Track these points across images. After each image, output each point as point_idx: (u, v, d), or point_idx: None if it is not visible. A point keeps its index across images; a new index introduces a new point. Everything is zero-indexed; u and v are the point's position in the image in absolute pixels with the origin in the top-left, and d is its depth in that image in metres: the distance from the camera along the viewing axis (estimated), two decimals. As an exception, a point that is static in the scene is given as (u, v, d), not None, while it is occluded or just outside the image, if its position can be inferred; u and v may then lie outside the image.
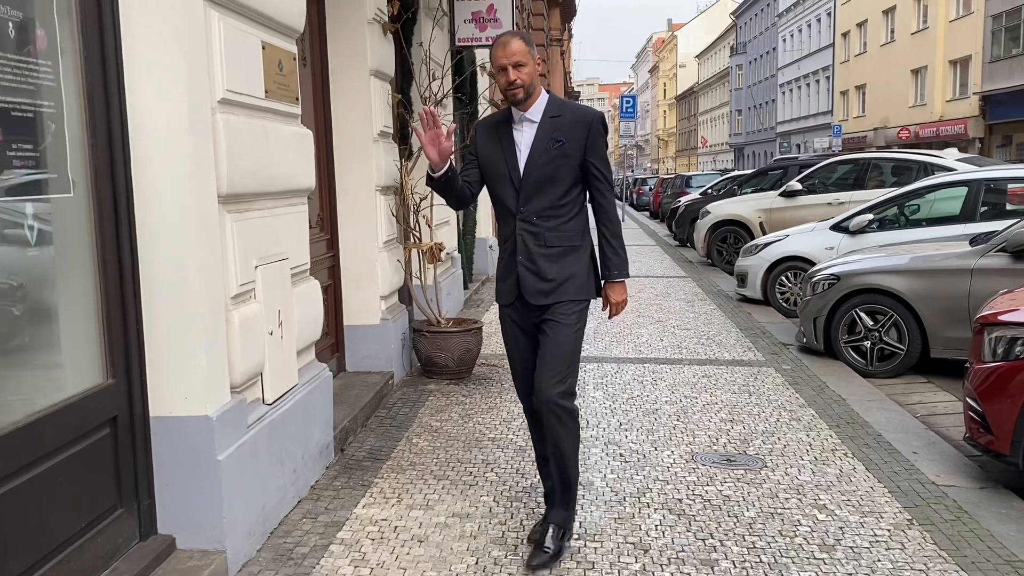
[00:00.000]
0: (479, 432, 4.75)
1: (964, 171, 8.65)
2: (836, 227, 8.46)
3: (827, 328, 6.59)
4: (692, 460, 4.29)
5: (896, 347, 6.33)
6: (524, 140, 3.21)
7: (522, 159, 3.20)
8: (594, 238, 3.30)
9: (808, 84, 47.73)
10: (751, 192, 14.10)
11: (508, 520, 3.56)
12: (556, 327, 3.18)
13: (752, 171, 19.13)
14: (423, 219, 6.11)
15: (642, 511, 3.66)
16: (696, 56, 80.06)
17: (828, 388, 5.71)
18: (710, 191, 17.51)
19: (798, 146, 46.47)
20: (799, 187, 11.60)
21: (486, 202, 8.51)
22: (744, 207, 12.75)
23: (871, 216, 8.16)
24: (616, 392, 5.62)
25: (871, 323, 6.40)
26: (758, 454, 4.39)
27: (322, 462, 4.09)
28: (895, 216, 8.28)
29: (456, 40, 7.84)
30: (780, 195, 11.96)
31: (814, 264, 7.87)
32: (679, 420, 4.97)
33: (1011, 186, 7.74)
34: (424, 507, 3.70)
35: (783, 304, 8.91)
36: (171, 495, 2.98)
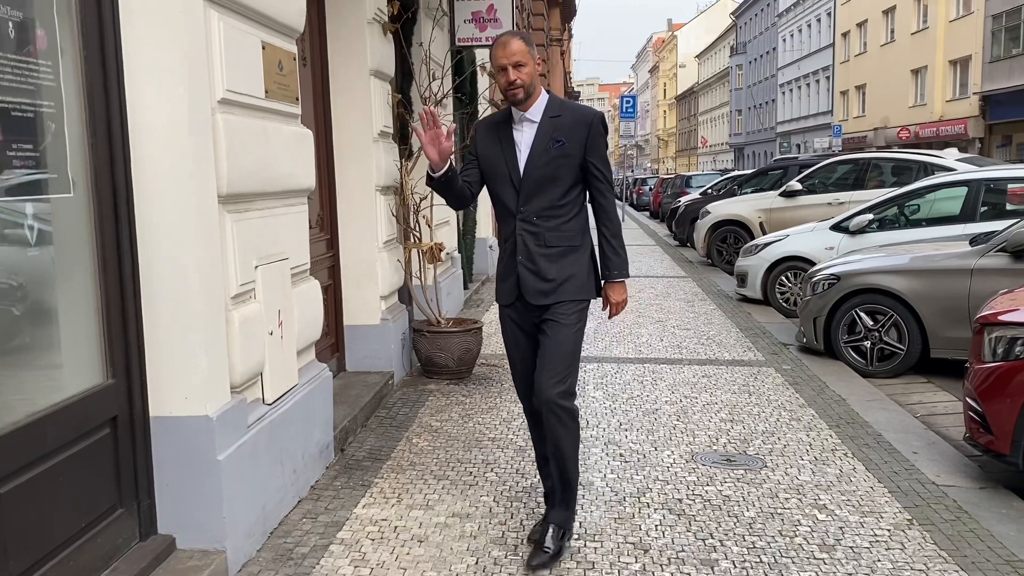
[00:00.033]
0: (479, 432, 4.75)
1: (964, 171, 8.65)
2: (836, 227, 8.47)
3: (827, 328, 6.59)
4: (692, 460, 4.29)
5: (896, 347, 6.34)
6: (524, 140, 3.21)
7: (522, 159, 3.20)
8: (594, 238, 3.30)
9: (808, 84, 47.74)
10: (751, 192, 14.10)
11: (508, 520, 3.56)
12: (556, 327, 3.18)
13: (752, 171, 19.14)
14: (423, 219, 6.11)
15: (642, 511, 3.66)
16: (696, 56, 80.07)
17: (828, 388, 5.72)
18: (710, 191, 17.52)
19: (798, 146, 46.48)
20: (799, 187, 11.60)
21: (486, 202, 8.50)
22: (744, 207, 12.76)
23: (871, 216, 8.17)
24: (616, 392, 5.62)
25: (871, 323, 6.41)
26: (758, 454, 4.39)
27: (322, 462, 4.09)
28: (895, 216, 8.28)
29: (456, 40, 7.85)
30: (780, 195, 11.96)
31: (814, 264, 7.87)
32: (679, 420, 4.97)
33: (1011, 186, 7.74)
34: (424, 507, 3.70)
35: (783, 304, 8.91)
36: (171, 495, 2.98)
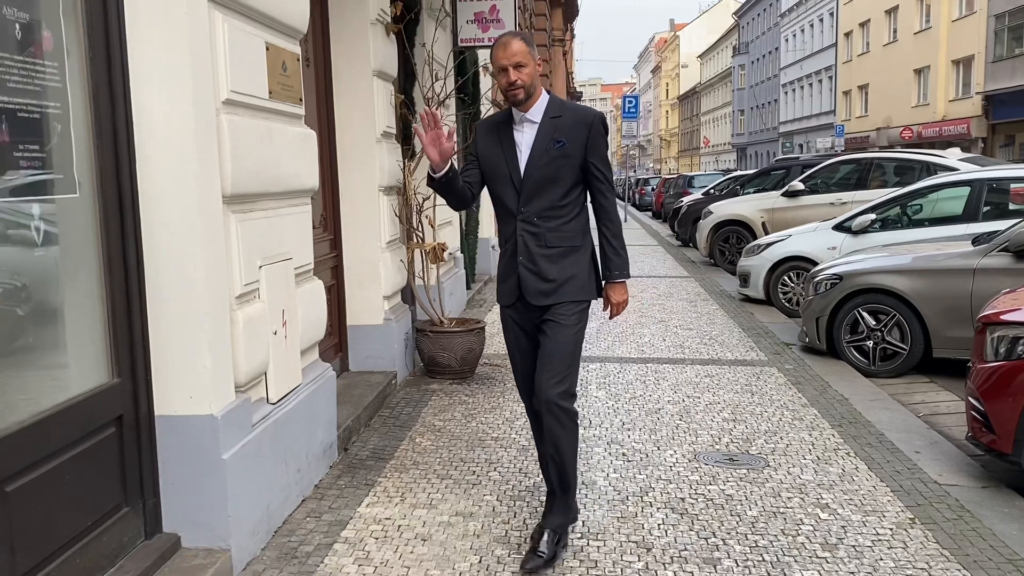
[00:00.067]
0: (482, 431, 4.76)
1: (967, 171, 8.65)
2: (838, 227, 8.47)
3: (829, 328, 6.59)
4: (695, 459, 4.30)
5: (898, 347, 6.34)
6: (525, 141, 3.21)
7: (523, 160, 3.20)
8: (595, 238, 3.31)
9: (811, 84, 47.69)
10: (753, 192, 14.10)
11: (511, 519, 3.57)
12: (556, 328, 3.18)
13: (754, 171, 19.13)
14: (426, 219, 6.12)
15: (645, 510, 3.67)
16: (698, 56, 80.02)
17: (830, 388, 5.72)
18: (712, 191, 17.52)
19: (801, 146, 46.45)
20: (801, 187, 11.60)
21: (489, 202, 8.51)
22: (746, 207, 12.76)
23: (873, 216, 8.17)
24: (619, 392, 5.63)
25: (873, 323, 6.41)
26: (760, 453, 4.39)
27: (326, 461, 4.10)
28: (897, 216, 8.29)
29: (459, 40, 7.87)
30: (782, 195, 11.96)
31: (816, 264, 7.87)
32: (682, 419, 4.98)
33: (1014, 186, 7.73)
34: (427, 506, 3.72)
35: (785, 304, 8.91)
36: (176, 494, 2.99)
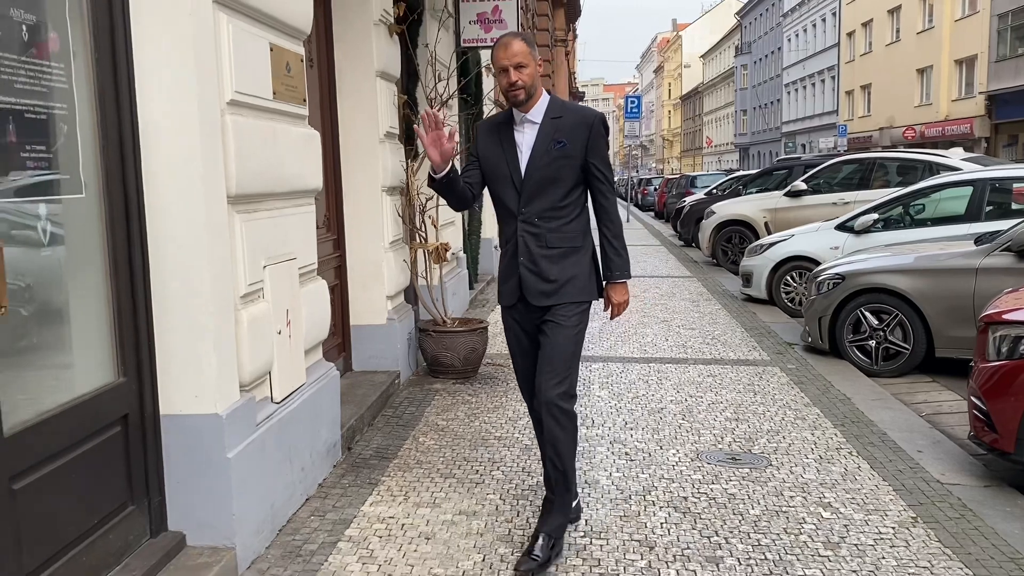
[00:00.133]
0: (485, 431, 4.77)
1: (969, 171, 8.65)
2: (841, 227, 8.47)
3: (832, 327, 6.60)
4: (697, 459, 4.31)
5: (901, 346, 6.34)
6: (525, 141, 3.22)
7: (523, 160, 3.21)
8: (596, 239, 3.32)
9: (813, 84, 47.67)
10: (756, 192, 14.10)
11: (514, 518, 3.59)
12: (556, 328, 3.19)
13: (757, 171, 19.13)
14: (429, 219, 6.14)
15: (647, 509, 3.68)
16: (701, 56, 79.99)
17: (833, 387, 5.73)
18: (715, 191, 17.52)
19: (803, 146, 46.43)
20: (804, 187, 11.60)
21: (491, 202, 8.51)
22: (749, 207, 12.75)
23: (876, 216, 8.18)
24: (622, 391, 5.64)
25: (876, 322, 6.41)
26: (763, 453, 4.40)
27: (329, 460, 4.12)
28: (900, 216, 8.29)
29: (461, 41, 7.89)
30: (785, 195, 11.95)
31: (819, 264, 7.87)
32: (684, 419, 4.99)
33: (1016, 185, 7.73)
34: (431, 505, 3.73)
35: (788, 304, 8.91)
36: (181, 492, 3.01)
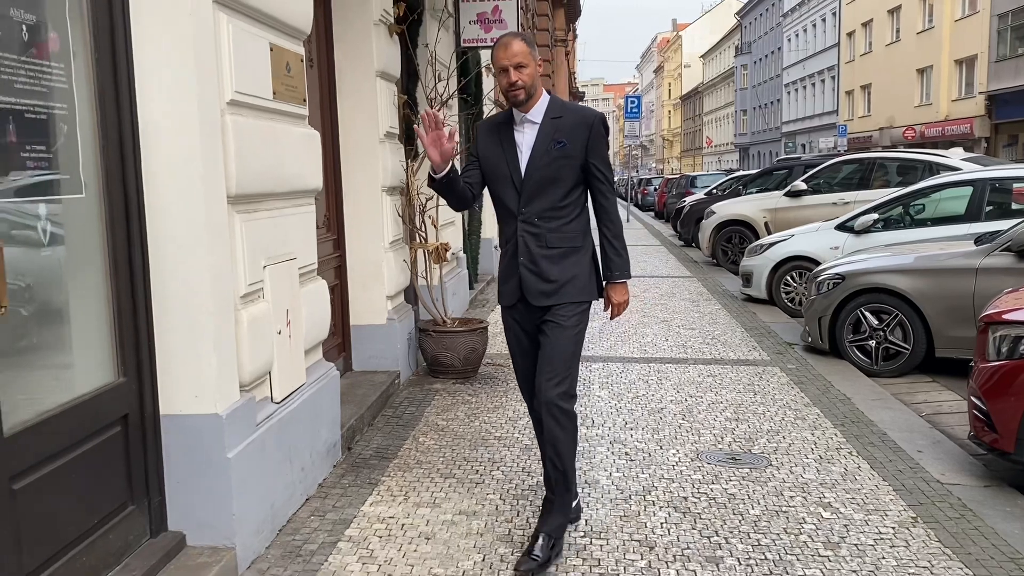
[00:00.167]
0: (485, 431, 4.77)
1: (969, 170, 8.65)
2: (841, 227, 8.47)
3: (832, 327, 6.60)
4: (697, 459, 4.31)
5: (901, 346, 6.34)
6: (525, 141, 3.22)
7: (523, 160, 3.21)
8: (596, 239, 3.31)
9: (813, 84, 47.66)
10: (756, 192, 14.10)
11: (514, 518, 3.59)
12: (556, 329, 3.19)
13: (757, 171, 19.13)
14: (429, 219, 6.14)
15: (647, 509, 3.68)
16: (701, 56, 79.99)
17: (833, 387, 5.73)
18: (715, 191, 17.52)
19: (803, 146, 46.42)
20: (804, 187, 11.60)
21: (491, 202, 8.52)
22: (749, 207, 12.76)
23: (876, 216, 8.18)
24: (622, 391, 5.64)
25: (876, 322, 6.41)
26: (763, 453, 4.40)
27: (329, 460, 4.12)
28: (900, 216, 8.29)
29: (461, 41, 7.89)
30: (785, 195, 11.95)
31: (819, 264, 7.87)
32: (684, 419, 4.99)
33: (1016, 185, 7.73)
34: (431, 505, 3.73)
35: (788, 304, 8.91)
36: (181, 492, 3.01)
